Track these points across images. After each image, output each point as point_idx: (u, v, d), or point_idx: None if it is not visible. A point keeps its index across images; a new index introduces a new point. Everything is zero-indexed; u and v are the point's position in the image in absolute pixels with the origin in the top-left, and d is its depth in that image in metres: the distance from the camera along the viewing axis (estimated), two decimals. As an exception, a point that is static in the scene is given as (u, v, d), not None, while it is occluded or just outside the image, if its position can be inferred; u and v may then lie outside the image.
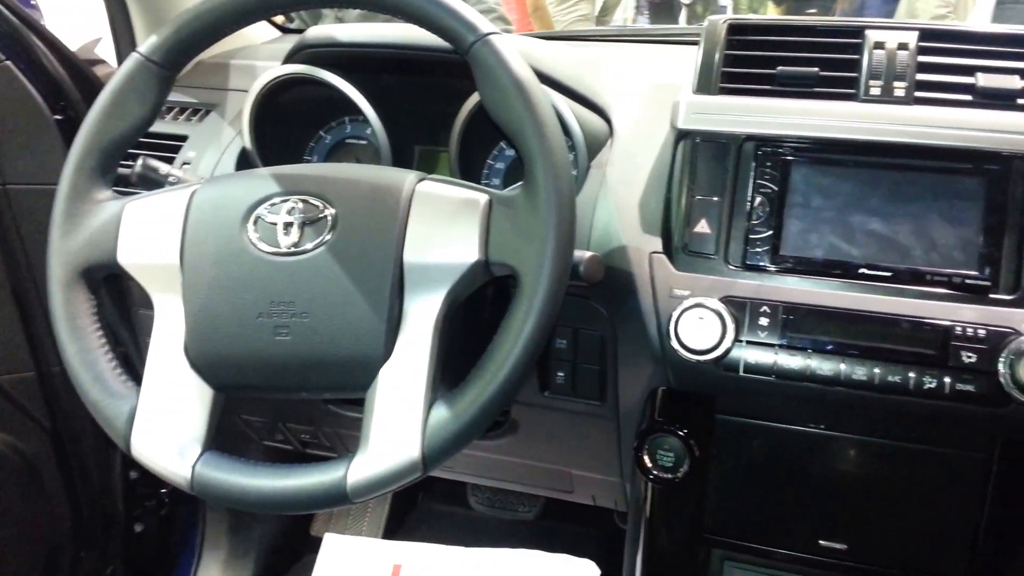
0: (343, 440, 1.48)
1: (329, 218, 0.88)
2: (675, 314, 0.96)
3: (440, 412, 0.84)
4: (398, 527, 2.06)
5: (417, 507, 2.13)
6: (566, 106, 1.10)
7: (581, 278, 0.93)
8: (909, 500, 1.03)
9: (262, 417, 1.51)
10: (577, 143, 1.10)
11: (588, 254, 0.93)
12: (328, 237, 0.87)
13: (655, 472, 1.05)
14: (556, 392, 1.18)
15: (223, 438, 0.90)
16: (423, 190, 0.88)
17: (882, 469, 1.03)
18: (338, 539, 1.16)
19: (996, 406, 0.90)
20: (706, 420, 1.07)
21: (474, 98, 1.11)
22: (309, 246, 0.87)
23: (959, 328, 0.91)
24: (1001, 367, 0.88)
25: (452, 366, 0.89)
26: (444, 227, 0.86)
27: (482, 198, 0.86)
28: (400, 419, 0.84)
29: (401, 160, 1.26)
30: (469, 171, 1.20)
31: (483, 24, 0.85)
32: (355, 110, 1.20)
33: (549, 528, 2.02)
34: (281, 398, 1.38)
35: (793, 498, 1.08)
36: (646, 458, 1.05)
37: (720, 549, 1.13)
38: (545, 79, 1.09)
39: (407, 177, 0.89)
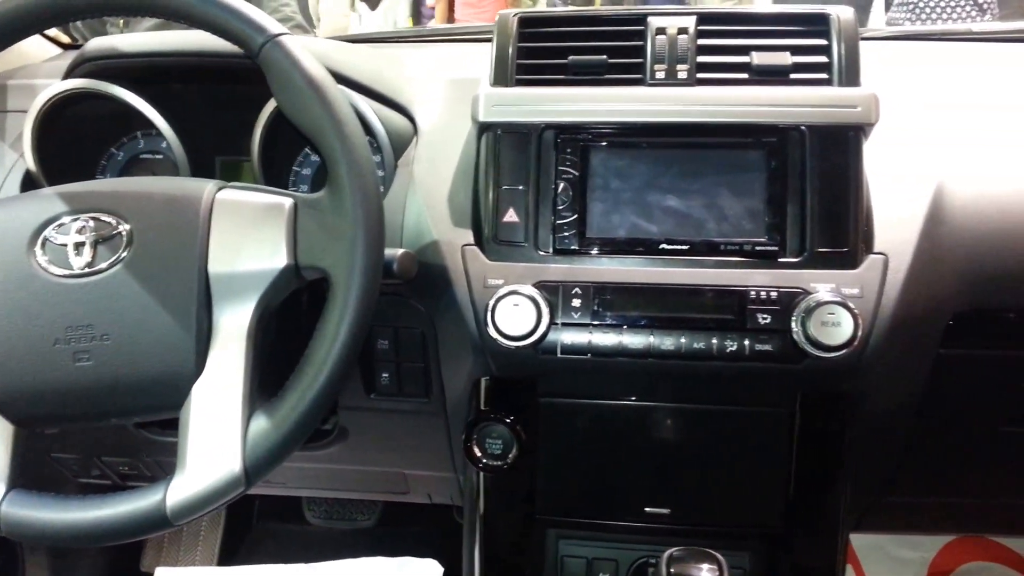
0: (164, 468, 1.41)
1: (124, 234, 0.85)
2: (490, 303, 0.97)
3: (259, 423, 0.82)
4: (233, 552, 2.00)
5: (252, 529, 2.07)
6: (367, 106, 1.09)
7: (395, 276, 0.93)
8: (724, 460, 1.09)
9: (74, 453, 1.43)
10: (382, 142, 1.10)
11: (400, 251, 0.94)
12: (124, 254, 0.84)
13: (484, 460, 1.06)
14: (382, 393, 1.18)
15: (33, 482, 0.85)
16: (224, 198, 0.86)
17: (698, 433, 1.09)
18: (170, 572, 1.11)
19: (793, 362, 0.96)
20: (530, 404, 1.09)
21: (273, 103, 1.09)
22: (104, 265, 0.84)
23: (753, 292, 0.96)
24: (794, 325, 0.94)
25: (272, 375, 0.87)
26: (249, 234, 0.84)
27: (287, 202, 0.85)
28: (217, 434, 0.81)
29: (202, 173, 1.21)
30: (275, 179, 1.18)
31: (272, 25, 0.84)
32: (147, 124, 1.16)
33: (389, 533, 2.01)
34: (90, 427, 1.31)
35: (618, 470, 1.11)
36: (475, 448, 1.06)
37: (554, 528, 1.15)
38: (343, 80, 1.09)
39: (206, 186, 0.87)
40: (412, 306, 1.09)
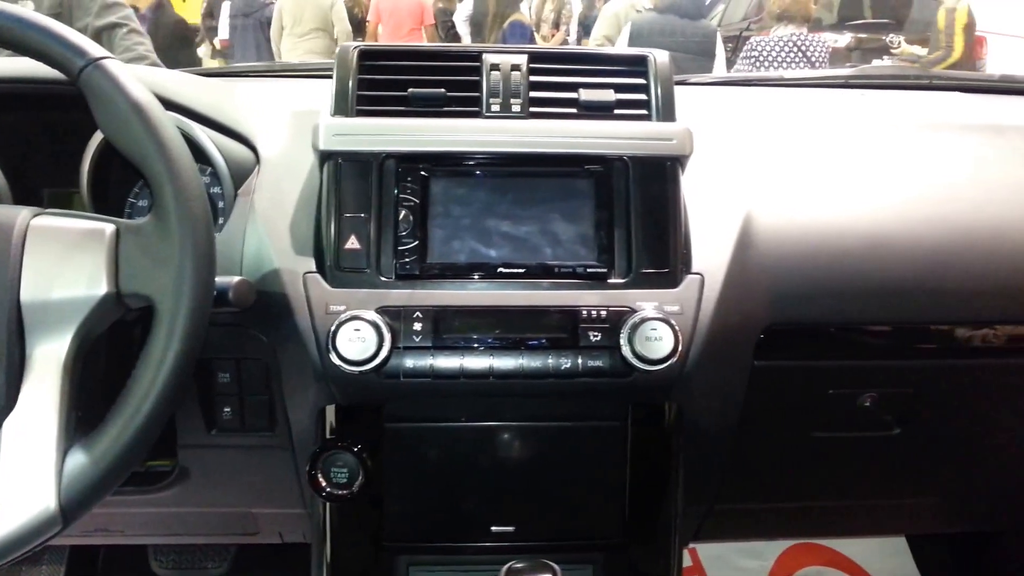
0: None
1: None
2: (332, 328, 0.98)
3: (77, 458, 0.79)
4: (73, 610, 1.88)
5: (94, 584, 1.96)
6: (204, 134, 1.09)
7: (231, 304, 0.92)
8: (565, 475, 1.13)
9: None
10: (220, 171, 1.09)
11: (236, 279, 0.93)
12: None
13: (329, 490, 1.05)
14: (224, 429, 1.15)
15: None
16: (40, 224, 0.83)
17: (539, 450, 1.12)
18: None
19: (622, 377, 1.01)
20: (377, 431, 1.10)
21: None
22: None
23: (585, 312, 1.01)
24: (622, 341, 0.99)
25: (102, 409, 0.85)
26: (66, 262, 0.81)
27: (108, 228, 0.83)
28: (29, 471, 0.78)
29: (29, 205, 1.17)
30: (109, 212, 1.14)
31: (93, 48, 0.82)
32: None
33: None
34: None
35: (463, 492, 1.13)
36: (320, 477, 1.05)
37: (404, 555, 1.16)
38: (179, 108, 1.08)
39: (19, 213, 0.83)
40: (254, 336, 1.08)
